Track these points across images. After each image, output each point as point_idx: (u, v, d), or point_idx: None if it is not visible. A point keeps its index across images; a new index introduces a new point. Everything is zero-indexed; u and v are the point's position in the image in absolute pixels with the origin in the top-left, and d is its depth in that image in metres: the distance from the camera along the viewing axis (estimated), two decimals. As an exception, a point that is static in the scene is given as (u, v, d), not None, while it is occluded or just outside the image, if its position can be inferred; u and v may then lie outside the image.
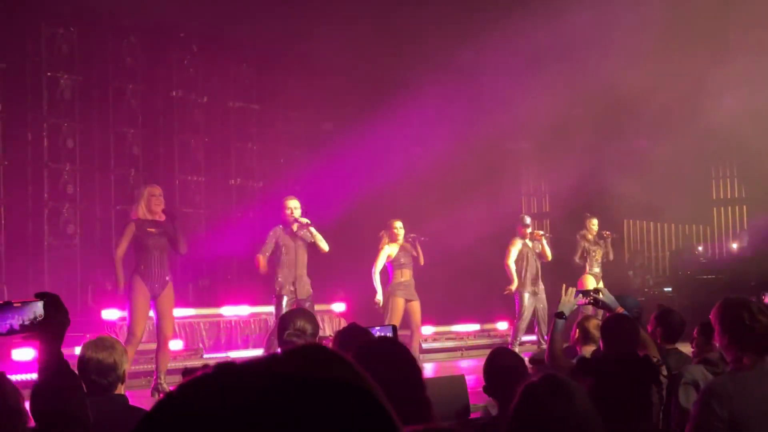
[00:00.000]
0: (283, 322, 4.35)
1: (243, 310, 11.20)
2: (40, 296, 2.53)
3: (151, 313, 8.24)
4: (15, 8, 10.99)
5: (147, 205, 8.21)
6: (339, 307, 11.90)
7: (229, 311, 11.19)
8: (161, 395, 5.53)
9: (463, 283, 12.95)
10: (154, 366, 8.36)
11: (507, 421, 2.33)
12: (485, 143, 13.44)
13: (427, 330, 12.28)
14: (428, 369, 10.91)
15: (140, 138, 12.25)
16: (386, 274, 10.16)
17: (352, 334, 3.63)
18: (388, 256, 10.06)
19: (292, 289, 8.83)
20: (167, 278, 8.18)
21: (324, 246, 8.98)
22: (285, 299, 8.76)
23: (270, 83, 13.52)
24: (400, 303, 9.95)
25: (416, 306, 10.07)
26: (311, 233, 8.94)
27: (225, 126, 13.23)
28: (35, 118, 11.23)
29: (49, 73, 11.29)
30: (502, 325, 12.93)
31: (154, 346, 8.45)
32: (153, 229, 8.14)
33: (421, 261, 10.19)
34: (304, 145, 14.14)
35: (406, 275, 10.06)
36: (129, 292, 8.04)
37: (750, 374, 3.43)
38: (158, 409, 0.79)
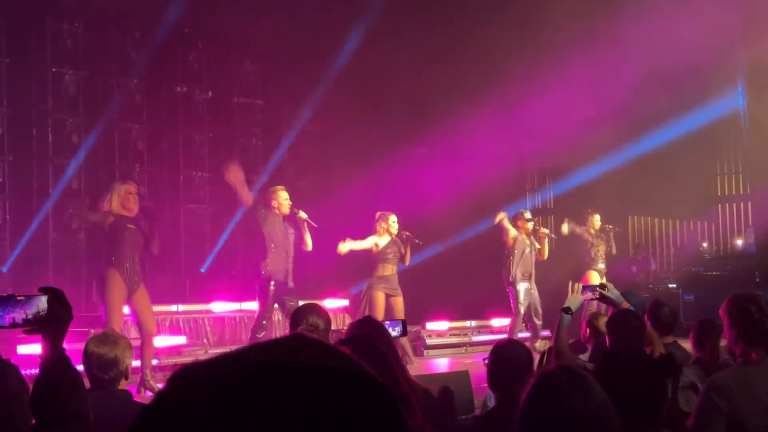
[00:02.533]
0: (296, 318, 4.32)
1: (247, 306, 11.20)
2: (44, 291, 2.51)
3: (126, 310, 8.08)
4: (20, 3, 11.00)
5: (122, 202, 7.96)
6: (343, 303, 11.91)
7: (233, 306, 11.20)
8: (147, 392, 5.52)
9: (467, 278, 12.94)
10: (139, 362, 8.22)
11: (519, 411, 2.30)
12: (490, 138, 13.43)
13: (432, 326, 12.29)
14: (432, 365, 10.92)
15: (145, 133, 12.27)
16: (370, 265, 10.06)
17: (367, 328, 3.63)
18: (375, 245, 9.95)
19: (281, 279, 8.71)
20: (140, 276, 8.00)
21: (310, 244, 8.88)
22: (272, 285, 8.62)
23: (274, 79, 13.52)
24: (380, 297, 9.78)
25: (399, 301, 9.91)
26: (304, 228, 8.84)
27: (229, 121, 13.24)
28: (40, 113, 11.25)
29: (54, 68, 11.30)
30: (506, 321, 12.93)
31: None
32: (129, 225, 7.95)
33: (407, 262, 10.02)
34: (309, 140, 14.14)
35: (388, 270, 9.88)
36: (104, 287, 7.84)
37: (756, 369, 3.43)
38: (155, 403, 0.80)
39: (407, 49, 12.44)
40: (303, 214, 8.82)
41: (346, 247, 9.74)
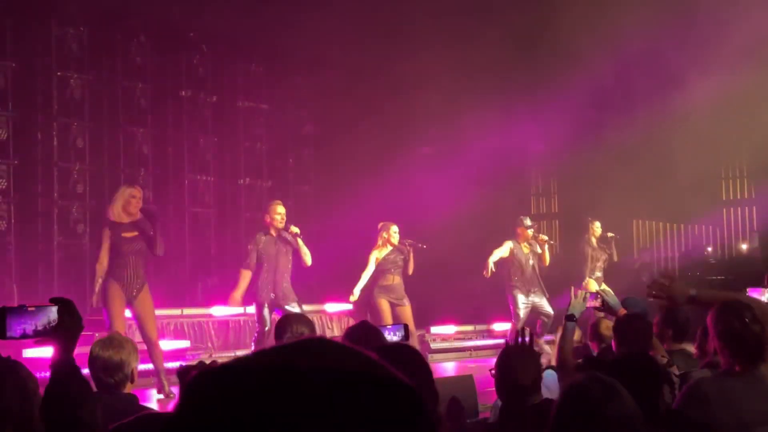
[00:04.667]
0: (280, 328, 4.32)
1: (251, 310, 11.19)
2: (54, 301, 2.55)
3: (127, 313, 8.08)
4: (25, 8, 11.03)
5: (125, 206, 7.99)
6: (346, 307, 11.89)
7: (238, 310, 11.19)
8: (165, 394, 5.53)
9: (471, 282, 12.92)
10: (153, 368, 8.20)
11: (552, 420, 2.31)
12: (494, 141, 13.43)
13: (436, 330, 12.28)
14: (437, 369, 10.91)
15: (150, 137, 12.28)
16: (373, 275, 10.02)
17: (363, 333, 3.63)
18: (376, 259, 9.93)
19: (272, 296, 8.67)
20: (143, 282, 8.02)
21: (308, 259, 8.82)
22: (266, 307, 8.63)
23: (279, 83, 13.53)
24: (383, 304, 9.74)
25: (407, 310, 9.85)
26: (298, 244, 8.81)
27: (234, 126, 13.25)
28: (45, 117, 11.27)
29: (59, 73, 11.32)
30: (509, 326, 12.91)
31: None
32: (128, 234, 7.95)
33: (410, 271, 9.92)
34: (313, 145, 14.15)
35: (389, 279, 9.82)
36: (104, 296, 7.89)
37: (738, 381, 3.38)
38: (181, 411, 0.78)
39: (412, 53, 12.44)
40: (294, 229, 8.79)
41: (362, 279, 9.83)
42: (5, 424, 2.61)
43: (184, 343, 10.22)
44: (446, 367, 11.05)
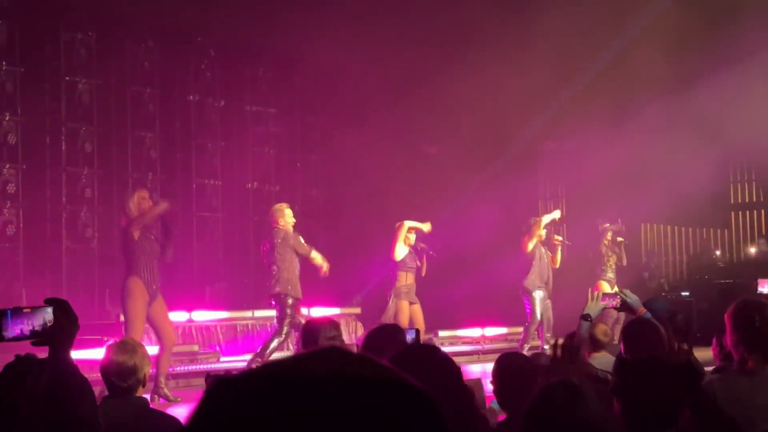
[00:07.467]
0: (312, 333, 4.30)
1: (259, 313, 11.22)
2: (49, 302, 2.57)
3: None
4: (34, 13, 11.07)
5: (138, 209, 7.93)
6: (354, 311, 11.91)
7: (246, 314, 11.22)
8: (161, 400, 5.54)
9: (478, 285, 12.92)
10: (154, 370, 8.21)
11: (522, 423, 2.34)
12: (502, 145, 13.44)
13: (444, 333, 12.27)
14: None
15: (158, 142, 12.31)
16: (389, 275, 10.14)
17: (384, 335, 3.62)
18: (406, 239, 10.09)
19: (296, 290, 8.83)
20: (158, 283, 8.01)
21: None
22: (290, 300, 8.74)
23: (286, 87, 13.55)
24: (405, 306, 9.96)
25: (418, 309, 10.11)
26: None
27: (242, 130, 13.27)
28: (53, 122, 11.30)
29: (67, 78, 11.36)
30: (518, 329, 12.89)
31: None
32: (150, 235, 8.01)
33: (423, 272, 10.23)
34: (321, 149, 14.16)
35: (410, 279, 10.08)
36: (127, 294, 7.86)
37: (749, 379, 3.42)
38: (199, 417, 0.78)
39: (418, 56, 12.46)
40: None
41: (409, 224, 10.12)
42: (36, 416, 2.62)
43: (192, 348, 10.23)
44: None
